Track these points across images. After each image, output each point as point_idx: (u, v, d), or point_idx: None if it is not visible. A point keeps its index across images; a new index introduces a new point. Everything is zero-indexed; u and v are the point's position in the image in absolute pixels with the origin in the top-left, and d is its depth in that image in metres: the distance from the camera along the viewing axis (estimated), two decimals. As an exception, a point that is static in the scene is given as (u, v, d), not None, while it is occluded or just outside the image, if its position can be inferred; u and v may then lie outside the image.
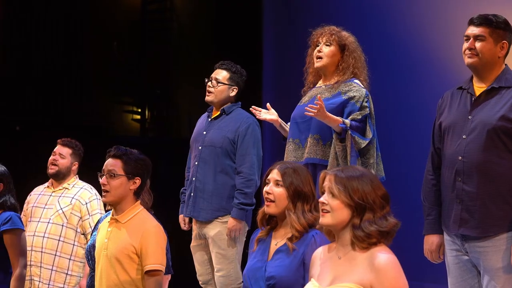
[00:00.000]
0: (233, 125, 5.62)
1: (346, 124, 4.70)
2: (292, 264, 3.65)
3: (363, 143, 4.72)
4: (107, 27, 8.66)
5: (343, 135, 4.72)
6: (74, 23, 8.52)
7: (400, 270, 3.11)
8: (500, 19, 4.14)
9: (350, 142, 4.71)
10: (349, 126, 4.71)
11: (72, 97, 8.40)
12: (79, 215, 5.97)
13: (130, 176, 4.29)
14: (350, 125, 4.71)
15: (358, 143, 4.71)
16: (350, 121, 4.73)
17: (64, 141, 6.13)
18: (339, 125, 4.70)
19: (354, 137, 4.70)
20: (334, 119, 4.68)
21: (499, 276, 4.01)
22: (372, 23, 7.03)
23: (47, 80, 8.29)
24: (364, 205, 3.16)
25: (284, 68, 8.07)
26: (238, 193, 5.50)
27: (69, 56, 8.43)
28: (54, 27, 8.43)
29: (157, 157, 4.53)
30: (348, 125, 4.70)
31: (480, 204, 4.04)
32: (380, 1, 7.16)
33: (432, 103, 4.69)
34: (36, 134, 7.68)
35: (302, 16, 7.87)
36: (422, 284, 6.03)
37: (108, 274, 4.23)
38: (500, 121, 4.03)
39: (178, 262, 5.05)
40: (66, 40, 8.48)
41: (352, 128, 4.71)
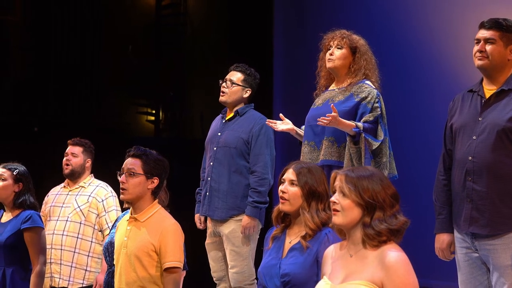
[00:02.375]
0: (247, 126, 5.63)
1: (359, 128, 4.69)
2: (306, 262, 3.65)
3: (375, 145, 4.72)
4: (122, 31, 8.68)
5: (357, 138, 4.72)
6: (91, 27, 8.55)
7: (410, 267, 3.09)
8: (510, 23, 4.14)
9: (364, 145, 4.71)
10: (363, 129, 4.71)
11: (88, 98, 8.42)
12: (96, 212, 5.99)
13: (148, 176, 4.29)
14: (363, 127, 4.71)
15: (371, 145, 4.71)
16: (363, 123, 4.73)
17: (74, 141, 6.17)
18: (352, 129, 4.69)
19: (368, 139, 4.70)
20: (347, 124, 4.67)
21: (508, 273, 4.01)
22: (381, 26, 7.02)
23: (65, 82, 8.31)
24: (374, 204, 3.15)
25: (294, 72, 8.07)
26: (252, 192, 5.51)
27: (86, 59, 8.45)
28: (72, 30, 8.46)
29: (171, 157, 4.52)
30: (361, 128, 4.70)
31: (489, 203, 4.04)
32: (390, 5, 7.15)
33: (443, 105, 4.69)
34: (53, 134, 7.69)
35: (312, 21, 7.87)
36: (431, 281, 6.02)
37: (127, 271, 4.24)
38: (509, 122, 4.03)
39: (192, 259, 5.05)
40: (83, 44, 8.50)
41: (365, 130, 4.71)
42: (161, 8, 9.09)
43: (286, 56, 8.28)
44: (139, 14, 9.01)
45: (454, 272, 4.33)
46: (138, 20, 8.94)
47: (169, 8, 9.21)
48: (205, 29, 9.12)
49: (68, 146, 6.16)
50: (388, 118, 4.94)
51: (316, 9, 7.93)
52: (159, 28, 9.13)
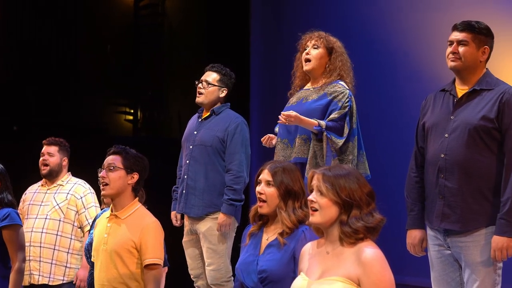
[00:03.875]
0: (223, 125, 5.63)
1: (321, 126, 4.71)
2: (283, 258, 3.65)
3: (339, 143, 4.74)
4: (101, 31, 8.64)
5: (319, 136, 4.74)
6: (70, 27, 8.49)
7: (385, 264, 3.10)
8: (482, 25, 4.17)
9: (326, 143, 4.73)
10: (325, 127, 4.72)
11: (67, 98, 8.36)
12: (75, 209, 5.98)
13: (128, 171, 4.32)
14: (325, 126, 4.72)
15: (335, 143, 4.73)
16: (327, 122, 4.75)
17: (49, 141, 6.16)
18: (314, 127, 4.71)
19: (330, 137, 4.71)
20: (310, 122, 4.70)
21: (480, 270, 4.04)
22: (356, 29, 7.04)
23: (44, 81, 8.25)
24: (351, 202, 3.15)
25: (271, 71, 8.07)
26: (228, 190, 5.51)
27: (65, 59, 8.39)
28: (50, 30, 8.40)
29: (149, 156, 4.52)
30: (323, 126, 4.71)
31: (461, 200, 4.07)
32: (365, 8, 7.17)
33: (415, 105, 4.71)
34: (33, 133, 7.64)
35: (289, 21, 7.88)
36: (405, 277, 6.04)
37: (107, 268, 4.24)
38: (481, 121, 4.05)
39: (169, 257, 5.04)
40: (63, 44, 8.44)
41: (328, 128, 4.73)
42: (140, 8, 9.06)
43: (263, 56, 8.28)
44: (118, 14, 8.96)
45: (426, 268, 4.34)
46: (116, 20, 8.90)
47: (148, 9, 9.18)
48: (183, 29, 9.10)
49: (44, 146, 6.14)
50: (362, 118, 4.95)
51: (293, 10, 7.94)
52: (138, 29, 9.11)
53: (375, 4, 7.12)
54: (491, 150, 4.06)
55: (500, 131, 4.05)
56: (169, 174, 6.17)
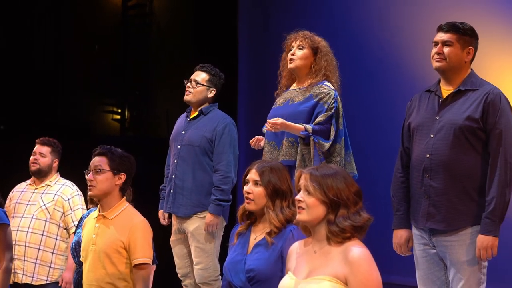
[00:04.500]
0: (211, 125, 5.62)
1: (308, 131, 4.71)
2: (271, 258, 3.65)
3: (327, 146, 4.74)
4: (89, 31, 8.62)
5: (306, 141, 4.74)
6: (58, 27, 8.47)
7: (372, 263, 3.11)
8: (467, 26, 4.18)
9: (313, 148, 4.72)
10: (311, 131, 4.72)
11: (55, 97, 8.33)
12: (61, 210, 5.96)
13: (115, 172, 4.29)
14: (312, 130, 4.72)
15: (322, 146, 4.73)
16: (313, 126, 4.74)
17: (42, 140, 6.12)
18: (300, 132, 4.72)
19: (318, 141, 4.72)
20: (296, 128, 4.70)
21: (465, 269, 4.05)
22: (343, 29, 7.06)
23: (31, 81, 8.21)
24: (338, 202, 3.16)
25: (258, 72, 8.07)
26: (216, 190, 5.50)
27: (52, 58, 8.37)
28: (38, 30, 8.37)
29: (136, 155, 4.50)
30: (310, 131, 4.71)
31: (446, 200, 4.08)
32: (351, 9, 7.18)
33: (401, 105, 4.71)
34: (19, 133, 7.61)
35: (276, 22, 7.88)
36: (391, 276, 6.06)
37: (96, 268, 4.23)
38: (466, 121, 4.06)
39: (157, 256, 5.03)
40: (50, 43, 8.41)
41: (314, 132, 4.73)
42: (127, 8, 9.04)
43: (251, 57, 8.28)
44: (106, 14, 8.95)
45: (412, 267, 4.35)
46: (104, 20, 8.88)
47: (135, 9, 9.16)
48: (170, 29, 9.09)
49: (36, 145, 6.10)
50: (348, 118, 4.95)
51: (280, 10, 7.94)
52: (126, 28, 9.09)
53: (361, 5, 7.14)
54: (476, 150, 4.07)
55: (485, 131, 4.06)
56: (156, 174, 6.16)
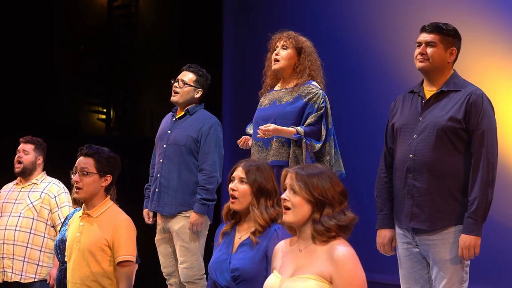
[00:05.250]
0: (197, 125, 5.61)
1: (300, 133, 4.72)
2: (256, 257, 3.64)
3: (318, 147, 4.75)
4: (75, 31, 8.59)
5: (299, 143, 4.76)
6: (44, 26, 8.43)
7: (357, 262, 3.11)
8: (450, 27, 4.19)
9: (305, 150, 4.73)
10: (303, 134, 4.73)
11: (41, 97, 8.30)
12: (48, 208, 5.96)
13: (102, 174, 4.29)
14: (304, 132, 4.73)
15: (314, 147, 4.74)
16: (304, 128, 4.76)
17: (25, 139, 6.15)
18: (293, 135, 4.73)
19: (309, 144, 4.73)
20: (288, 131, 4.72)
21: (447, 268, 4.06)
22: (326, 29, 7.06)
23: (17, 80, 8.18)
24: (323, 201, 3.16)
25: (243, 72, 8.07)
26: (201, 189, 5.49)
27: (38, 58, 8.33)
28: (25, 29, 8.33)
29: (121, 155, 4.50)
30: (302, 134, 4.73)
31: (429, 199, 4.08)
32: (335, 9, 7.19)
33: (384, 105, 4.73)
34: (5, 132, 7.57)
35: (261, 22, 7.88)
36: (374, 275, 6.06)
37: (80, 266, 4.23)
38: (448, 122, 4.07)
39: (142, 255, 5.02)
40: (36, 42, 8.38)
41: (306, 134, 4.74)
42: (113, 8, 9.03)
43: (236, 57, 8.28)
44: (91, 15, 8.92)
45: (395, 266, 4.36)
46: (90, 20, 8.86)
47: (121, 9, 9.15)
48: (156, 30, 9.07)
49: (20, 144, 6.13)
50: (332, 118, 4.96)
51: (265, 10, 7.94)
52: (111, 29, 9.07)
53: (345, 5, 7.14)
54: (458, 151, 4.08)
55: (467, 131, 4.07)
56: (141, 173, 6.15)
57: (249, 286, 3.63)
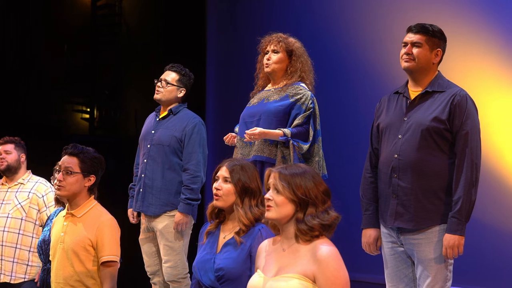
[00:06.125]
0: (180, 125, 5.60)
1: (287, 135, 4.74)
2: (240, 257, 3.63)
3: (305, 148, 4.77)
4: (59, 30, 8.56)
5: (287, 144, 4.77)
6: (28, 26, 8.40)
7: (340, 261, 3.11)
8: (436, 28, 4.21)
9: (292, 151, 4.75)
10: (290, 135, 4.74)
11: (25, 96, 8.27)
12: (37, 208, 5.95)
13: (85, 174, 4.28)
14: (291, 134, 4.75)
15: (301, 149, 4.75)
16: (291, 129, 4.77)
17: (4, 140, 6.13)
18: (279, 138, 4.74)
19: (297, 145, 4.74)
20: (274, 134, 4.74)
21: (432, 266, 4.07)
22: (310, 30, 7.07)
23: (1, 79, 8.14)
24: (307, 200, 3.16)
25: (226, 71, 8.07)
26: (185, 189, 5.48)
27: (22, 57, 8.30)
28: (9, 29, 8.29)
29: (105, 154, 4.49)
30: (289, 135, 4.75)
31: (414, 199, 4.09)
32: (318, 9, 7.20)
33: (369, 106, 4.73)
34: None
35: (244, 23, 7.88)
36: (359, 274, 6.07)
37: (64, 266, 4.21)
38: (432, 122, 4.08)
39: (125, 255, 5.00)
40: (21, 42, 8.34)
41: (293, 136, 4.75)
42: (97, 8, 9.01)
43: (219, 56, 8.28)
44: (75, 14, 8.89)
45: (379, 265, 4.37)
46: (73, 20, 8.83)
47: (104, 9, 9.12)
48: (140, 29, 9.06)
49: None
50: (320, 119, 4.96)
51: (248, 10, 7.94)
52: (95, 28, 9.04)
53: (328, 5, 7.15)
54: (443, 151, 4.09)
55: (451, 132, 4.09)
56: (125, 173, 6.13)
57: (233, 285, 3.63)
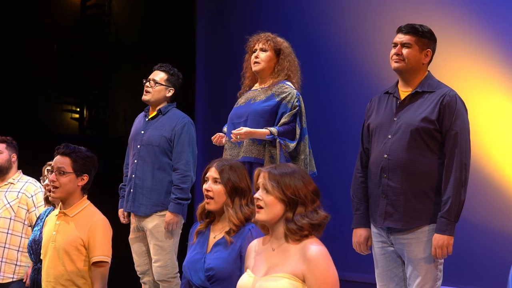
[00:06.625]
0: (170, 125, 5.60)
1: (273, 134, 4.75)
2: (230, 257, 3.63)
3: (292, 146, 4.78)
4: (48, 30, 8.54)
5: (274, 143, 4.78)
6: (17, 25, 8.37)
7: (330, 260, 3.11)
8: (425, 28, 4.21)
9: (279, 150, 4.76)
10: (277, 134, 4.75)
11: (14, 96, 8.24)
12: (26, 208, 5.94)
13: (78, 174, 4.27)
14: (277, 132, 4.76)
15: (288, 147, 4.76)
16: (278, 128, 4.78)
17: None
18: (266, 136, 4.75)
19: (284, 143, 4.75)
20: (261, 133, 4.75)
21: (421, 266, 4.08)
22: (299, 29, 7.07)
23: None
24: (296, 200, 3.16)
25: (216, 72, 8.07)
26: (175, 189, 5.48)
27: (12, 57, 8.27)
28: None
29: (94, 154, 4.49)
30: (275, 134, 4.75)
31: (403, 199, 4.10)
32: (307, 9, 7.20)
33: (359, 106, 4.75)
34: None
35: (234, 23, 7.88)
36: (348, 273, 6.08)
37: (55, 265, 4.21)
38: (422, 122, 4.09)
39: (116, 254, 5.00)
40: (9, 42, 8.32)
41: (280, 134, 4.76)
42: (86, 8, 8.99)
43: (209, 56, 8.27)
44: (65, 14, 8.88)
45: (368, 265, 4.37)
46: (63, 20, 8.81)
47: (94, 8, 9.11)
48: (129, 29, 9.05)
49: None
50: (310, 118, 4.98)
51: (238, 10, 7.94)
52: (84, 28, 9.03)
53: (318, 5, 7.16)
54: (432, 151, 4.10)
55: (441, 132, 4.09)
56: (115, 173, 6.12)
57: (224, 285, 3.62)
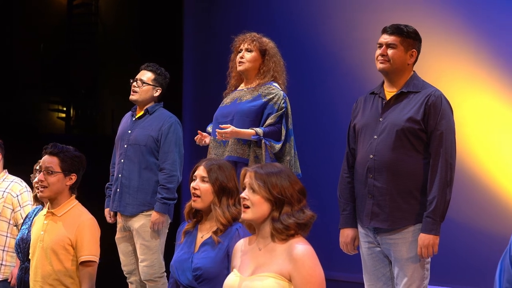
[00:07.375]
0: (156, 124, 5.60)
1: (259, 134, 4.76)
2: (217, 256, 3.64)
3: (277, 147, 4.79)
4: (35, 29, 8.51)
5: (259, 144, 4.78)
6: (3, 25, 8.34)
7: (316, 260, 3.12)
8: (410, 29, 4.22)
9: (265, 151, 4.77)
10: (262, 134, 4.76)
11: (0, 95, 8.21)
12: (11, 207, 5.90)
13: (66, 173, 4.27)
14: (263, 133, 4.76)
15: (274, 148, 4.77)
16: (264, 128, 4.79)
17: None
18: (252, 137, 4.76)
19: (269, 144, 4.76)
20: (246, 133, 4.76)
21: (408, 266, 4.09)
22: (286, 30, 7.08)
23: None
24: (282, 199, 3.16)
25: (203, 71, 8.07)
26: (161, 188, 5.48)
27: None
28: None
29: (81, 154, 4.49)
30: (261, 134, 4.76)
31: (389, 199, 4.10)
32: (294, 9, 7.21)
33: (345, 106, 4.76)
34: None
35: (221, 22, 7.88)
36: (335, 273, 6.10)
37: (43, 265, 4.21)
38: (407, 122, 4.10)
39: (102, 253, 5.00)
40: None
41: (265, 135, 4.77)
42: (73, 7, 8.97)
43: (196, 56, 8.27)
44: (51, 13, 8.85)
45: (355, 264, 4.39)
46: (50, 19, 8.78)
47: (81, 8, 9.08)
48: (116, 28, 9.03)
49: None
50: (296, 119, 4.99)
51: (225, 10, 7.94)
52: (71, 27, 9.00)
53: (304, 6, 7.17)
54: (418, 151, 4.11)
55: (426, 132, 4.10)
56: (102, 172, 6.12)
57: (211, 285, 3.63)
